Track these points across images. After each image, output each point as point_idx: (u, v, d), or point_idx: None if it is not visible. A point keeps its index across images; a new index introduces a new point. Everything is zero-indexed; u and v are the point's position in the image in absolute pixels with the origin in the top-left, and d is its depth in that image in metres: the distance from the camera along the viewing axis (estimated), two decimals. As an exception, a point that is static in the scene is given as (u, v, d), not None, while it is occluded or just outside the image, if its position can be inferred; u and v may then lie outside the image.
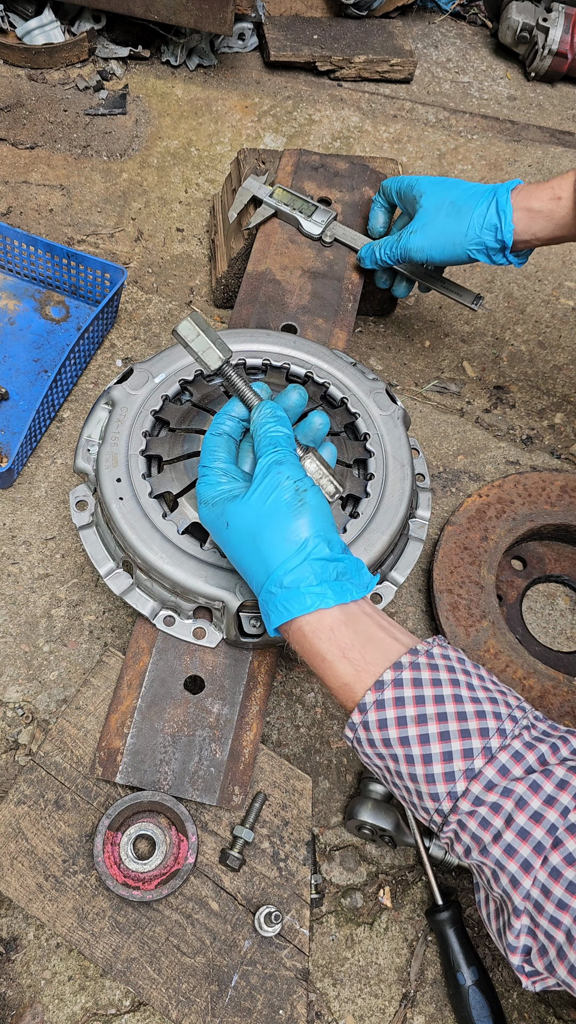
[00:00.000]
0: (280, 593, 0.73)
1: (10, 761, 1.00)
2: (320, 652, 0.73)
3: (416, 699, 0.69)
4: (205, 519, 0.82)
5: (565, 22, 1.91)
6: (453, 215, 1.08)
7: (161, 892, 0.84)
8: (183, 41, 1.83)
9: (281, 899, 0.89)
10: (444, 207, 1.09)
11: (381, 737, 0.70)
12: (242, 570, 0.79)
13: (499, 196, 1.06)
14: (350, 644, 0.73)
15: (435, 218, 1.09)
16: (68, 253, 1.33)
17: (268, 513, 0.75)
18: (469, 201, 1.08)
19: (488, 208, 1.06)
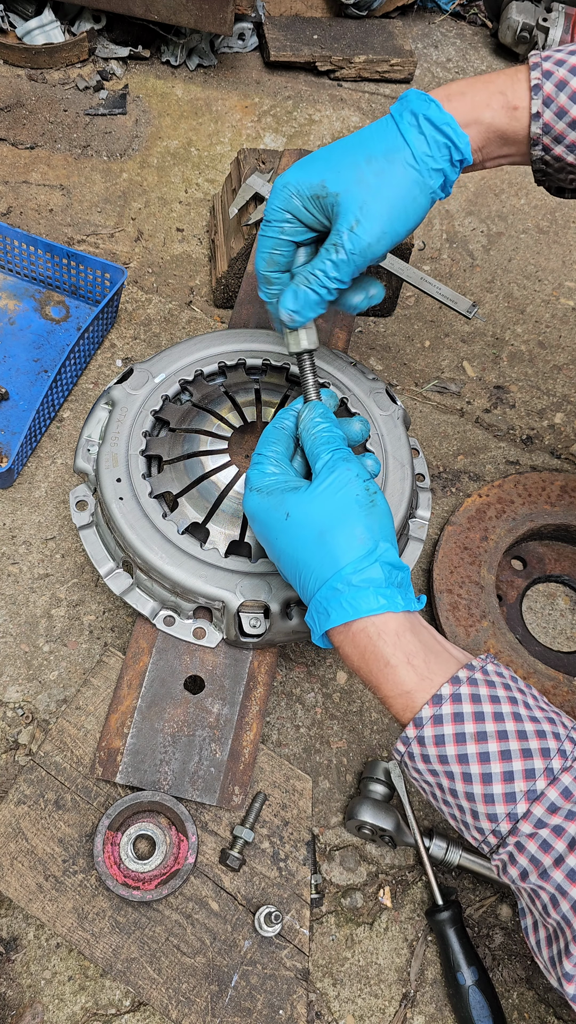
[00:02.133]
0: (347, 591, 0.70)
1: (10, 761, 1.00)
2: (385, 656, 0.69)
3: (475, 715, 0.66)
4: (255, 508, 0.77)
5: (565, 22, 1.91)
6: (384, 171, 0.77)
7: (161, 892, 0.84)
8: (183, 41, 1.83)
9: (281, 899, 0.89)
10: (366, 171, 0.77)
11: (437, 753, 0.67)
12: (295, 565, 0.74)
13: (425, 111, 0.77)
14: (415, 651, 0.70)
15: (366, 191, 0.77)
16: (68, 253, 1.33)
17: (340, 509, 0.72)
18: (389, 140, 0.78)
19: (421, 130, 0.77)
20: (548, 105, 0.77)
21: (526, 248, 1.65)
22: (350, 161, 0.78)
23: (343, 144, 0.80)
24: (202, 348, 1.08)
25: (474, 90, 0.79)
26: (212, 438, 1.00)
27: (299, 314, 0.83)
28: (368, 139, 0.79)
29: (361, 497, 0.73)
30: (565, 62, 0.77)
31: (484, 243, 1.64)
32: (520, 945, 0.96)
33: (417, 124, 0.77)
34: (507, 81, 0.79)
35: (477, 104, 0.78)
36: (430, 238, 1.64)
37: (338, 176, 0.77)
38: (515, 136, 0.80)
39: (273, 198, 0.82)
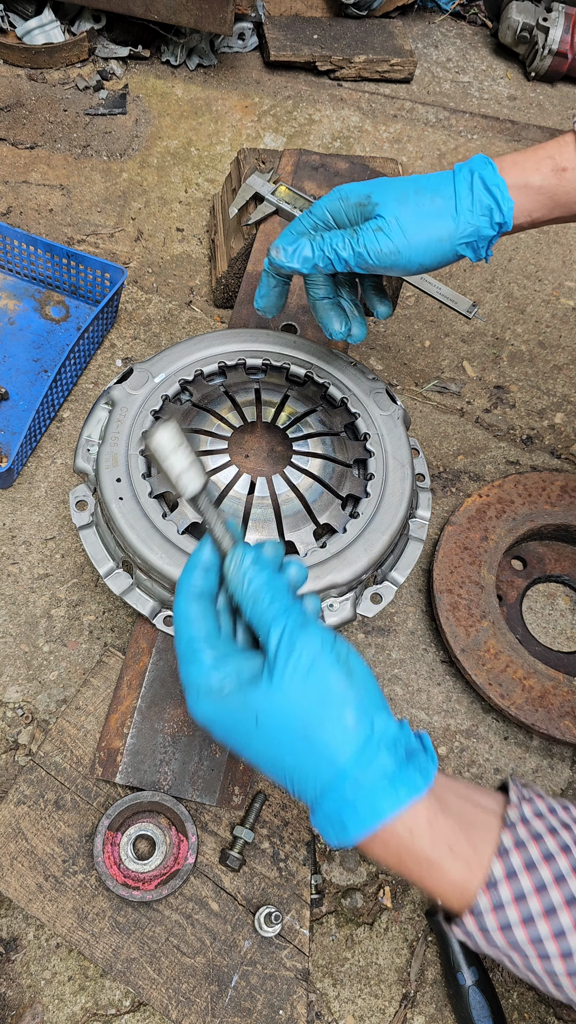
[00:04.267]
0: (359, 795, 0.58)
1: (10, 761, 1.00)
2: (425, 854, 0.59)
3: (537, 889, 0.58)
4: (211, 717, 0.61)
5: (565, 22, 1.91)
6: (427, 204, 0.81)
7: (161, 892, 0.84)
8: (183, 41, 1.83)
9: (281, 899, 0.89)
10: (411, 198, 0.82)
11: (506, 940, 0.59)
12: (282, 770, 0.61)
13: (481, 172, 0.82)
14: (454, 834, 0.60)
15: (404, 211, 0.81)
16: (68, 253, 1.33)
17: (318, 696, 0.59)
18: (441, 186, 0.82)
19: (473, 187, 0.81)
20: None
21: (526, 248, 1.65)
22: (401, 187, 0.83)
23: (403, 178, 0.86)
24: (202, 348, 1.08)
25: (524, 157, 0.84)
26: (212, 438, 1.00)
27: (285, 253, 0.87)
28: (424, 180, 0.84)
29: (337, 671, 0.60)
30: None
31: (484, 243, 1.64)
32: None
33: (470, 181, 0.82)
34: (555, 146, 0.84)
35: (527, 169, 0.83)
36: (430, 238, 1.64)
37: (385, 193, 0.82)
38: (565, 197, 0.84)
39: (324, 199, 0.87)
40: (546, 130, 1.90)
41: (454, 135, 1.85)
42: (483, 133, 1.86)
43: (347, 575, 0.91)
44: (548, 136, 1.88)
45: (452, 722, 1.08)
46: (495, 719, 1.09)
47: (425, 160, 1.78)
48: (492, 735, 1.08)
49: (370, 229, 0.82)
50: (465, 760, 1.05)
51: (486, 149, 1.82)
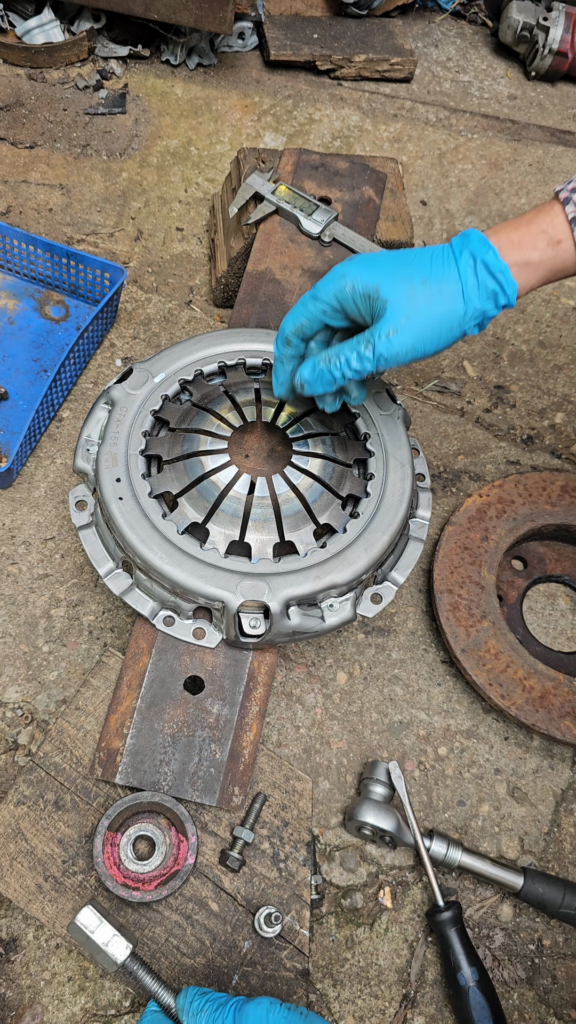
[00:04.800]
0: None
1: (10, 761, 1.00)
2: None
3: None
4: None
5: (565, 21, 1.90)
6: (436, 296, 0.83)
7: (160, 893, 0.84)
8: (183, 40, 1.83)
9: (281, 900, 0.89)
10: (419, 291, 0.83)
11: None
12: None
13: (484, 257, 0.83)
14: None
15: (415, 307, 0.83)
16: (68, 252, 1.33)
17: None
18: (446, 271, 0.84)
19: (477, 272, 0.83)
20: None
21: (526, 247, 1.65)
22: (407, 276, 0.83)
23: (405, 258, 0.85)
24: (202, 348, 1.08)
25: (520, 234, 0.85)
26: (212, 438, 1.00)
27: (309, 385, 0.90)
28: (428, 263, 0.84)
29: (291, 1018, 0.72)
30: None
31: (484, 242, 1.64)
32: (521, 945, 0.96)
33: (474, 266, 0.83)
34: (546, 219, 0.85)
35: (525, 247, 0.85)
36: (430, 237, 1.64)
37: (393, 286, 0.83)
38: (563, 265, 0.86)
39: (329, 282, 0.87)
40: (546, 129, 1.89)
41: (454, 134, 1.84)
42: (483, 132, 1.86)
43: (347, 575, 0.91)
44: (548, 135, 1.88)
45: (452, 722, 1.08)
46: (495, 719, 1.09)
47: (425, 159, 1.78)
48: (492, 735, 1.08)
49: (384, 335, 0.83)
50: (465, 760, 1.05)
51: (486, 148, 1.82)
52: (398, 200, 1.37)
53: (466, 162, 1.79)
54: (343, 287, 0.85)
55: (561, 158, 1.83)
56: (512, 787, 1.04)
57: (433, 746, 1.06)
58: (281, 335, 0.92)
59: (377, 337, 0.83)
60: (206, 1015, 0.75)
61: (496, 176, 1.77)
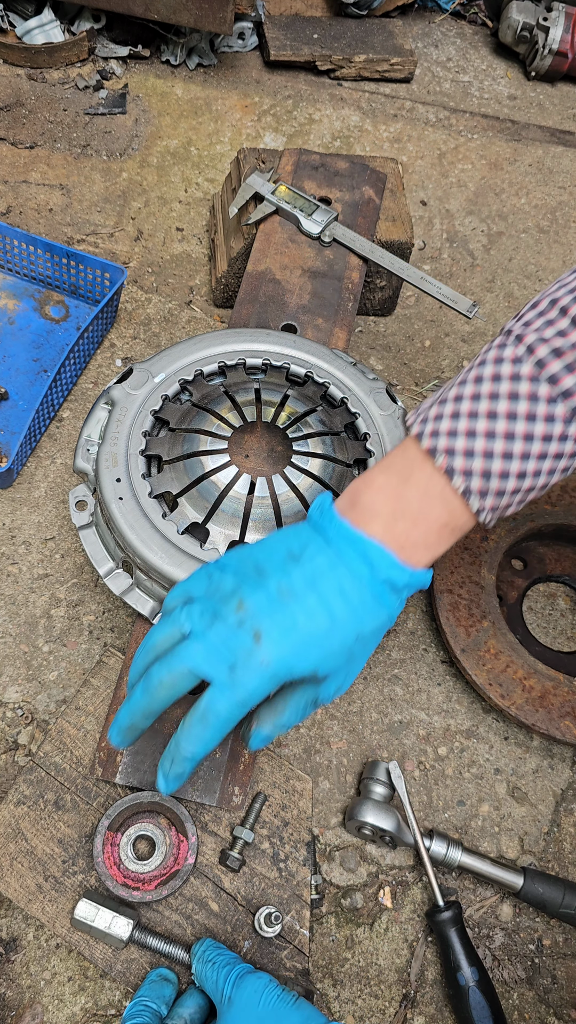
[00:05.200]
0: None
1: (10, 761, 1.00)
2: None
3: None
4: None
5: (565, 21, 1.91)
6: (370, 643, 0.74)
7: (160, 893, 0.84)
8: (183, 40, 1.83)
9: (281, 900, 0.89)
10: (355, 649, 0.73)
11: None
12: None
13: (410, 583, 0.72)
14: None
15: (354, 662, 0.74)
16: (68, 253, 1.33)
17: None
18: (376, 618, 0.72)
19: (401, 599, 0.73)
20: (484, 497, 0.72)
21: (527, 248, 1.65)
22: (340, 643, 0.70)
23: (332, 619, 0.69)
24: (202, 348, 1.08)
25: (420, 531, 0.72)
26: (212, 438, 1.00)
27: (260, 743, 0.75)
28: (353, 612, 0.70)
29: (284, 1000, 0.75)
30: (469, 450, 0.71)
31: (484, 243, 1.64)
32: (521, 945, 0.96)
33: (397, 591, 0.72)
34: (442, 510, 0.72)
35: (431, 547, 0.73)
36: (430, 238, 1.64)
37: (331, 662, 0.70)
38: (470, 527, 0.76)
39: (256, 683, 0.67)
40: (546, 129, 1.89)
41: (454, 135, 1.85)
42: (483, 132, 1.86)
43: (347, 575, 0.91)
44: (548, 135, 1.88)
45: (452, 722, 1.08)
46: (495, 719, 1.09)
47: (425, 160, 1.78)
48: (492, 735, 1.08)
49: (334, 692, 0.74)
50: (465, 760, 1.05)
51: (486, 148, 1.82)
52: (398, 200, 1.37)
53: (466, 162, 1.79)
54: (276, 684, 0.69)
55: (561, 158, 1.83)
56: (512, 787, 1.04)
57: (433, 746, 1.06)
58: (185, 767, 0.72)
59: (326, 697, 0.74)
60: (213, 967, 0.79)
61: (496, 176, 1.77)
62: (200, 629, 0.69)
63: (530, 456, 0.70)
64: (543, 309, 0.73)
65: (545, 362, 0.70)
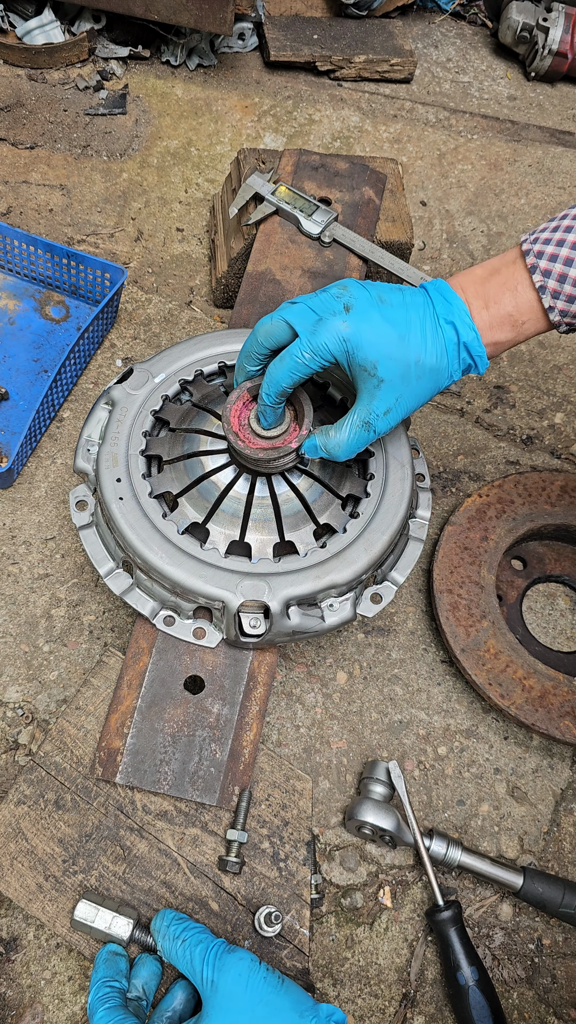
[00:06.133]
0: None
1: (10, 761, 1.00)
2: None
3: None
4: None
5: (565, 22, 1.91)
6: (424, 376, 0.87)
7: (270, 454, 0.91)
8: (183, 41, 1.83)
9: (281, 899, 0.89)
10: (412, 372, 0.86)
11: None
12: None
13: (466, 339, 0.86)
14: None
15: (407, 388, 0.87)
16: (68, 253, 1.33)
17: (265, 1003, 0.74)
18: (436, 353, 0.86)
19: (459, 355, 0.87)
20: (557, 298, 0.85)
21: (526, 248, 1.65)
22: (403, 356, 0.85)
23: (402, 330, 0.85)
24: (202, 348, 1.08)
25: (490, 313, 0.87)
26: (212, 438, 1.00)
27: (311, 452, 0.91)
28: (422, 340, 0.85)
29: (271, 982, 0.75)
30: (557, 256, 0.85)
31: (484, 243, 1.64)
32: (521, 945, 0.96)
33: (457, 347, 0.87)
34: (511, 297, 0.87)
35: (494, 329, 0.88)
36: (430, 238, 1.64)
37: (390, 366, 0.85)
38: (523, 339, 0.90)
39: (328, 339, 0.84)
40: (546, 130, 1.90)
41: (454, 135, 1.85)
42: (483, 133, 1.86)
43: (347, 575, 0.91)
44: (548, 136, 1.88)
45: (452, 722, 1.08)
46: (495, 719, 1.09)
47: (425, 160, 1.78)
48: (492, 735, 1.08)
49: (380, 414, 0.87)
50: (465, 760, 1.05)
51: (486, 149, 1.82)
52: (398, 200, 1.37)
53: (466, 163, 1.79)
54: (337, 353, 0.85)
55: (561, 159, 1.83)
56: (512, 786, 1.04)
57: (433, 745, 1.06)
58: (272, 391, 0.88)
59: (375, 417, 0.87)
60: (185, 945, 0.78)
61: (496, 177, 1.77)
62: (305, 298, 0.86)
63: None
64: None
65: None
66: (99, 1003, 0.76)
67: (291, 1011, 0.73)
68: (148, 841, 0.89)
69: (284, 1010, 0.73)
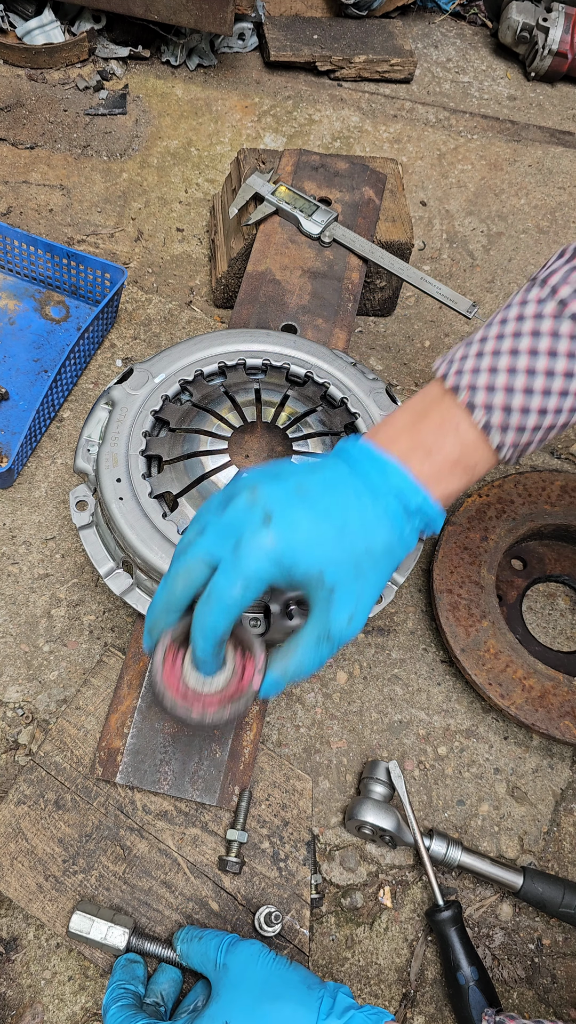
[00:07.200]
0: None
1: (10, 761, 1.00)
2: None
3: None
4: None
5: (565, 22, 1.91)
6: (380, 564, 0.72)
7: (223, 714, 0.75)
8: (183, 41, 1.83)
9: (281, 899, 0.89)
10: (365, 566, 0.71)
11: None
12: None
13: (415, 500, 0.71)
14: None
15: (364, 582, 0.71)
16: (68, 253, 1.33)
17: (271, 985, 0.75)
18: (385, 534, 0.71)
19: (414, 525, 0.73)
20: (506, 432, 0.72)
21: (526, 248, 1.65)
22: (350, 550, 0.69)
23: (337, 522, 0.69)
24: (202, 348, 1.08)
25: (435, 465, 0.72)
26: (212, 438, 1.00)
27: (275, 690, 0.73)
28: (365, 522, 0.70)
29: (280, 962, 0.76)
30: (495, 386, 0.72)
31: (484, 243, 1.64)
32: (521, 945, 0.96)
33: (407, 514, 0.71)
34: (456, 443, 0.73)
35: (442, 481, 0.73)
36: (430, 238, 1.64)
37: (338, 569, 0.69)
38: (488, 470, 0.76)
39: (257, 563, 0.67)
40: (546, 130, 1.90)
41: (454, 135, 1.85)
42: (483, 133, 1.87)
43: (347, 575, 0.91)
44: (548, 136, 1.88)
45: (452, 722, 1.08)
46: (495, 719, 1.09)
47: (425, 160, 1.78)
48: (492, 735, 1.08)
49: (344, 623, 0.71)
50: (465, 760, 1.06)
51: (486, 149, 1.82)
52: (398, 201, 1.37)
53: (466, 163, 1.79)
54: (277, 572, 0.67)
55: (561, 159, 1.83)
56: (512, 786, 1.04)
57: (433, 745, 1.06)
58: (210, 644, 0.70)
59: (339, 629, 0.70)
60: (201, 941, 0.80)
61: (496, 177, 1.77)
62: (214, 518, 0.70)
63: (551, 392, 0.71)
64: (568, 256, 0.75)
65: (567, 301, 0.71)
66: (112, 1001, 0.77)
67: (300, 984, 0.75)
68: (148, 841, 0.89)
69: (294, 983, 0.75)
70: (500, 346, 0.72)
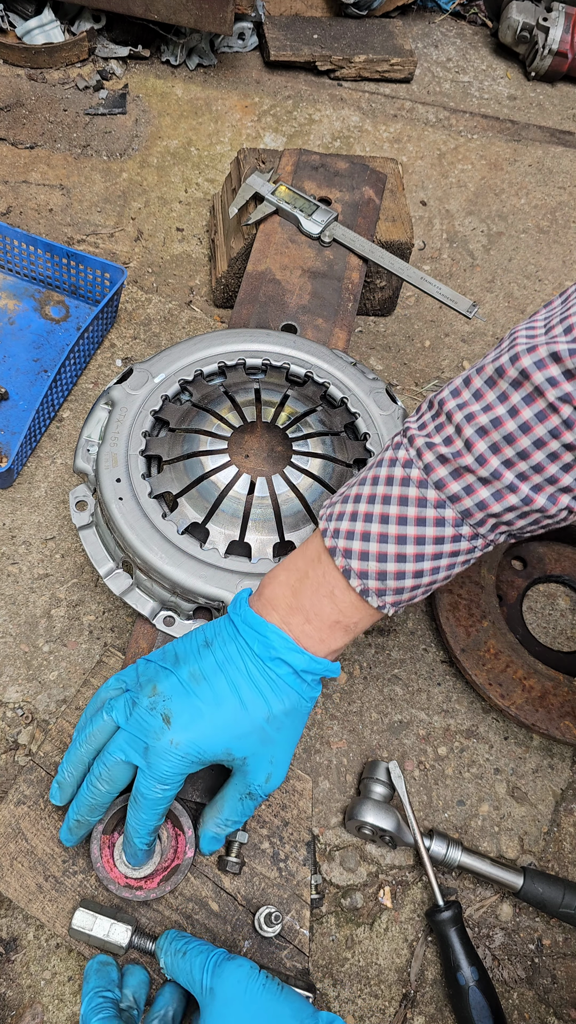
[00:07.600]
0: None
1: (10, 761, 1.00)
2: None
3: None
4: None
5: (565, 22, 1.91)
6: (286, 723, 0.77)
7: (164, 889, 0.83)
8: (183, 41, 1.83)
9: (281, 899, 0.89)
10: (270, 733, 0.76)
11: None
12: None
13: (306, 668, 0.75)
14: None
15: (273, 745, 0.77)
16: (68, 253, 1.33)
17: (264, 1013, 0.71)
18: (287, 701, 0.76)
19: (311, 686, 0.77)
20: (384, 596, 0.75)
21: (526, 248, 1.65)
22: (250, 723, 0.74)
23: (239, 700, 0.74)
24: (202, 348, 1.08)
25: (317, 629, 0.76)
26: (212, 438, 1.00)
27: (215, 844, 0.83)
28: (259, 692, 0.75)
29: (270, 989, 0.72)
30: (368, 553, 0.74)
31: (484, 243, 1.64)
32: (521, 945, 0.96)
33: (296, 675, 0.75)
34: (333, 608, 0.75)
35: (327, 642, 0.76)
36: (430, 238, 1.64)
37: (243, 743, 0.75)
38: (372, 623, 0.79)
39: (168, 765, 0.73)
40: (546, 130, 1.90)
41: (454, 135, 1.85)
42: (483, 133, 1.86)
43: (347, 575, 0.91)
44: (548, 136, 1.88)
45: (452, 722, 1.08)
46: (495, 719, 1.09)
47: (425, 160, 1.78)
48: (492, 735, 1.08)
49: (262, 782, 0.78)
50: (465, 760, 1.05)
51: (486, 149, 1.82)
52: (398, 200, 1.37)
53: (466, 162, 1.79)
54: (187, 765, 0.74)
55: (561, 158, 1.83)
56: (512, 787, 1.04)
57: (433, 746, 1.06)
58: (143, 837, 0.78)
59: (258, 788, 0.78)
60: (185, 958, 0.76)
61: (496, 176, 1.77)
62: (123, 719, 0.75)
63: (424, 557, 0.73)
64: (436, 411, 0.74)
65: (432, 467, 0.72)
66: (92, 1013, 0.74)
67: (291, 1018, 0.72)
68: (148, 841, 0.89)
69: (283, 1017, 0.72)
70: (371, 509, 0.74)
